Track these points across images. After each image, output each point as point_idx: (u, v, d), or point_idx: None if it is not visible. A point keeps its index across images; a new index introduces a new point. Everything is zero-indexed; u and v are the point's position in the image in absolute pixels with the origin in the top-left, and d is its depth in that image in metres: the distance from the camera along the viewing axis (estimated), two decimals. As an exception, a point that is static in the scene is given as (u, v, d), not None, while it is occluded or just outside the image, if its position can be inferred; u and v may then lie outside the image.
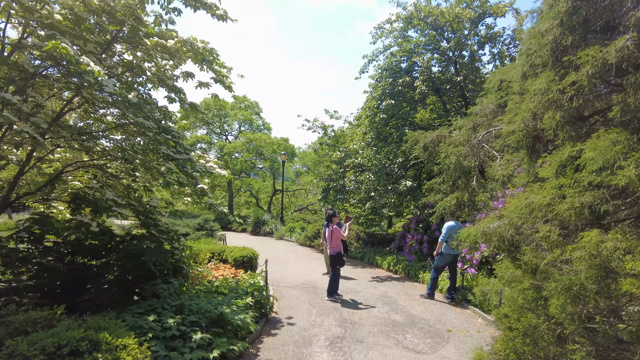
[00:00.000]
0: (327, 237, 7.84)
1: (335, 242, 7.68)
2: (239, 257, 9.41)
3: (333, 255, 7.67)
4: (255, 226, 20.44)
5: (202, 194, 5.93)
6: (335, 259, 7.67)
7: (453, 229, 7.75)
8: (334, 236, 7.68)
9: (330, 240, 7.70)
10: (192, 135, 27.16)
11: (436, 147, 5.20)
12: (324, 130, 13.64)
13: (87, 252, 5.49)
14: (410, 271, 9.90)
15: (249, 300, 5.48)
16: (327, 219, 8.05)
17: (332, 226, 7.75)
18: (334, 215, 7.98)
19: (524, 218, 2.97)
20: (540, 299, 3.28)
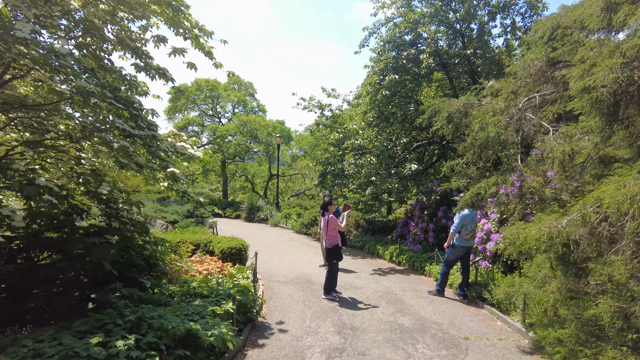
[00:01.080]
0: (323, 227, 6.91)
1: (332, 234, 6.76)
2: (226, 249, 8.50)
3: (329, 248, 6.76)
4: (249, 212, 19.54)
5: (173, 178, 4.95)
6: (332, 253, 6.76)
7: (467, 218, 6.84)
8: (330, 227, 6.75)
9: (327, 230, 6.78)
10: (183, 118, 26.00)
11: (463, 119, 4.23)
12: (321, 110, 12.57)
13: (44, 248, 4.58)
14: (415, 263, 9.04)
15: (229, 307, 4.57)
16: (322, 208, 7.10)
17: (329, 215, 6.82)
18: (330, 204, 7.03)
19: (620, 213, 2.02)
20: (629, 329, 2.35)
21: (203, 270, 7.74)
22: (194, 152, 5.00)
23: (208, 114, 27.90)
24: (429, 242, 9.89)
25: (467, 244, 6.91)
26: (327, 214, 6.86)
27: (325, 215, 6.86)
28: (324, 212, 7.00)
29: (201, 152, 5.09)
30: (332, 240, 6.74)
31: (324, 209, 7.00)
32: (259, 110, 28.68)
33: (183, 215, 15.35)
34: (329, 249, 6.73)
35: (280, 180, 34.86)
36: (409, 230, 11.23)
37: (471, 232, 6.87)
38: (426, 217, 10.38)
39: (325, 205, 7.01)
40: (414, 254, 9.48)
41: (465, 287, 7.00)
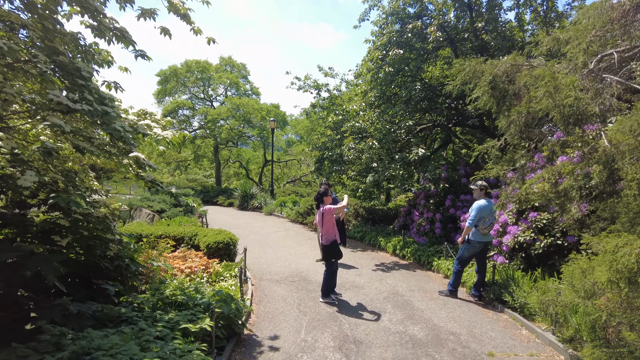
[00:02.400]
0: (318, 221, 5.96)
1: (329, 227, 5.81)
2: (212, 244, 7.64)
3: (326, 245, 5.79)
4: (242, 200, 18.66)
5: (137, 164, 4.04)
6: (330, 251, 5.84)
7: (484, 210, 6.00)
8: (325, 218, 5.77)
9: (322, 224, 5.83)
10: (172, 101, 24.82)
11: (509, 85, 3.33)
12: (317, 91, 11.58)
13: None
14: (422, 257, 8.23)
15: (206, 324, 3.72)
16: (317, 199, 6.08)
17: (324, 207, 5.87)
18: (326, 194, 6.02)
19: None
20: None
21: (185, 269, 6.90)
22: (160, 132, 4.07)
23: (199, 97, 26.67)
24: (436, 233, 9.08)
25: (485, 239, 6.09)
26: (322, 206, 5.93)
27: (320, 208, 5.94)
28: (318, 204, 6.07)
29: (170, 134, 4.16)
30: (329, 236, 5.82)
31: (319, 200, 6.05)
32: (253, 94, 27.46)
33: (171, 204, 14.44)
34: (326, 246, 5.82)
35: (275, 167, 33.93)
36: (413, 220, 10.42)
37: (489, 225, 6.03)
38: (432, 206, 9.55)
39: (320, 196, 6.06)
40: (419, 247, 8.68)
41: (482, 287, 6.21)
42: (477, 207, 6.00)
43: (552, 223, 6.26)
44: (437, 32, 9.02)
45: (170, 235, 8.63)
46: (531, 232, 6.39)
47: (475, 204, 6.08)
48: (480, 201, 6.08)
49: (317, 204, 6.06)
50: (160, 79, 25.06)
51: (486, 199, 6.12)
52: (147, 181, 4.18)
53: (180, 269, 6.89)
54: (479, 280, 6.24)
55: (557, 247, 6.12)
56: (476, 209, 6.01)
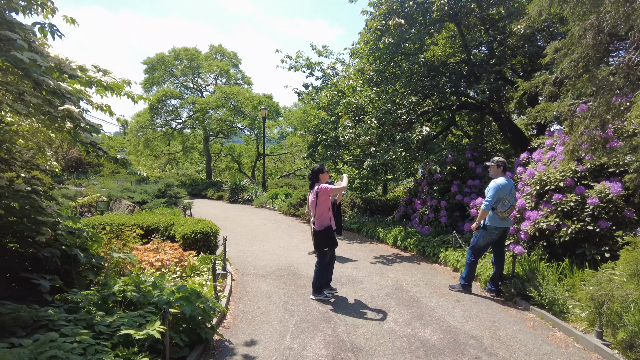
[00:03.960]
0: (311, 203, 4.97)
1: (323, 210, 4.88)
2: (189, 234, 6.70)
3: (319, 231, 4.87)
4: (232, 193, 17.68)
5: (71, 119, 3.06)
6: (323, 238, 4.90)
7: (504, 190, 5.10)
8: (320, 199, 4.83)
9: (315, 206, 4.90)
10: (159, 90, 23.69)
11: None
12: (310, 70, 10.62)
13: None
14: (426, 248, 7.34)
15: (155, 330, 2.78)
16: (311, 178, 5.12)
17: (319, 186, 4.96)
18: (322, 171, 5.09)
19: None
20: None
21: (156, 262, 5.95)
22: (95, 74, 3.09)
23: (188, 87, 25.54)
24: (441, 223, 8.19)
25: (504, 224, 5.20)
26: (317, 184, 5.01)
27: (315, 187, 5.02)
28: (312, 183, 5.12)
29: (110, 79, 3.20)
30: (322, 221, 4.89)
31: (314, 178, 5.09)
32: (244, 83, 26.36)
33: (153, 195, 13.45)
34: (318, 232, 4.88)
35: (269, 161, 32.93)
36: (414, 209, 9.53)
37: (509, 208, 5.12)
38: (436, 193, 8.65)
39: (315, 173, 5.07)
40: (423, 237, 7.78)
41: (500, 280, 5.32)
42: (495, 186, 5.11)
43: (581, 206, 5.38)
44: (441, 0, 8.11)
45: (144, 225, 7.68)
46: (555, 217, 5.51)
47: (493, 183, 5.19)
48: (499, 179, 5.18)
49: (311, 183, 5.11)
50: (147, 67, 23.90)
51: (505, 178, 5.22)
52: (85, 143, 3.21)
53: (150, 262, 5.95)
54: (496, 272, 5.35)
55: (587, 233, 5.25)
56: (494, 188, 5.11)
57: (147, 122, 23.23)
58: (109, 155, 3.35)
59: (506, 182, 5.15)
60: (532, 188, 6.14)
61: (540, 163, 6.32)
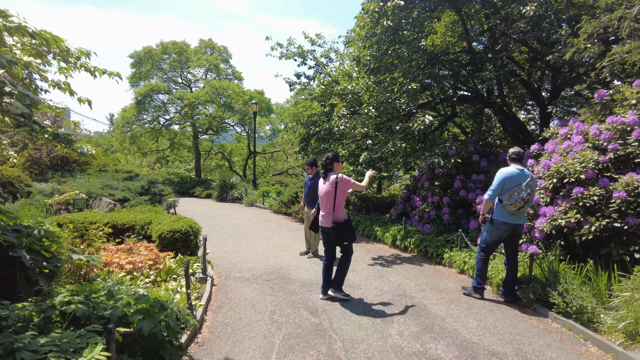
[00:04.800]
0: (325, 193, 4.56)
1: (342, 203, 4.59)
2: (167, 233, 6.00)
3: (340, 223, 4.53)
4: (221, 191, 16.94)
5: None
6: (346, 231, 4.58)
7: (511, 179, 4.55)
8: (339, 189, 4.49)
9: (333, 197, 4.49)
10: (146, 84, 22.81)
11: None
12: (302, 59, 9.95)
13: None
14: (429, 248, 6.73)
15: (94, 357, 2.11)
16: (325, 166, 4.68)
17: (333, 175, 4.54)
18: (337, 160, 4.67)
19: None
20: None
21: (126, 264, 5.26)
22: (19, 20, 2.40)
23: (177, 82, 24.67)
24: (443, 220, 7.58)
25: (513, 220, 4.61)
26: (330, 174, 4.58)
27: (328, 177, 4.58)
28: (326, 172, 4.66)
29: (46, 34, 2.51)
30: (340, 213, 4.58)
31: (327, 167, 4.65)
32: (235, 78, 25.54)
33: (136, 192, 12.68)
34: (338, 224, 4.51)
35: (261, 159, 32.19)
36: (413, 207, 8.93)
37: (518, 201, 4.50)
38: (437, 189, 8.05)
39: (330, 160, 4.64)
40: (424, 236, 7.17)
41: (514, 284, 4.72)
42: (501, 175, 4.60)
43: (605, 200, 4.80)
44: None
45: (118, 223, 6.97)
46: (575, 213, 4.91)
47: (500, 172, 4.66)
48: (507, 168, 4.67)
49: (325, 172, 4.67)
50: (134, 61, 22.97)
51: (517, 167, 4.65)
52: (15, 115, 2.52)
53: (120, 265, 5.26)
54: (508, 275, 4.75)
55: (612, 231, 4.67)
56: (498, 177, 4.61)
57: (134, 117, 22.37)
58: (45, 129, 2.66)
59: (516, 172, 4.58)
60: (547, 181, 5.55)
61: (556, 154, 5.73)
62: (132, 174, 24.43)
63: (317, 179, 6.77)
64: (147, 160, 37.09)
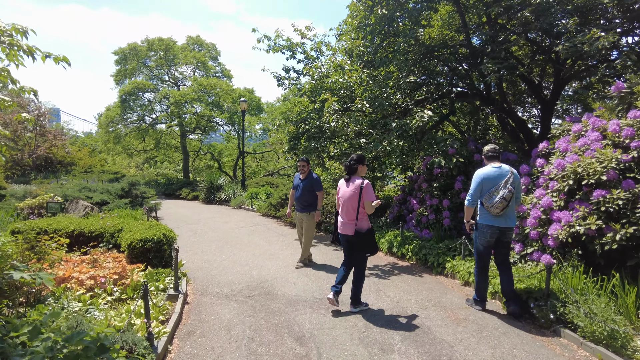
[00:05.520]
0: (350, 197, 4.19)
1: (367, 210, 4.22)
2: (137, 243, 5.33)
3: (366, 232, 4.22)
4: (208, 192, 16.22)
5: None
6: (370, 240, 4.28)
7: (489, 180, 4.21)
8: (365, 195, 4.14)
9: (357, 206, 4.15)
10: (130, 82, 21.96)
11: None
12: (292, 52, 9.31)
13: None
14: (429, 257, 6.14)
15: None
16: (348, 168, 4.30)
17: (358, 179, 4.21)
18: (362, 162, 4.32)
19: None
20: None
21: (87, 280, 4.59)
22: None
23: (164, 80, 23.83)
24: (443, 225, 7.00)
25: (499, 222, 4.21)
26: (354, 179, 4.23)
27: (352, 181, 4.23)
28: (350, 175, 4.31)
29: None
30: (365, 221, 4.26)
31: (351, 169, 4.29)
32: (224, 76, 24.75)
33: (116, 194, 11.93)
34: (364, 233, 4.20)
35: (252, 159, 31.44)
36: (410, 210, 8.34)
37: (499, 202, 4.09)
38: (436, 191, 7.47)
39: (355, 162, 4.27)
40: (424, 243, 6.58)
41: (512, 297, 4.21)
42: (477, 176, 4.30)
43: (631, 205, 4.24)
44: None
45: (86, 230, 6.27)
46: (596, 219, 4.36)
47: (476, 173, 4.35)
48: (482, 168, 4.33)
49: (348, 175, 4.32)
50: (118, 57, 22.07)
51: (495, 166, 4.28)
52: None
53: (80, 281, 4.58)
54: (504, 285, 4.33)
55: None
56: (475, 179, 4.29)
57: (118, 116, 21.51)
58: None
59: (493, 171, 4.23)
60: (561, 183, 5.00)
61: (570, 152, 5.17)
62: (118, 175, 23.56)
63: (310, 179, 6.19)
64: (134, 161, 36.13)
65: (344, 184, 4.33)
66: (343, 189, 4.33)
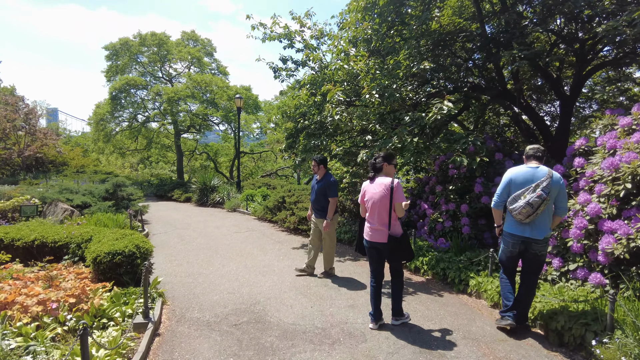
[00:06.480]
0: (379, 199, 3.71)
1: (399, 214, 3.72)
2: (104, 256, 4.46)
3: (400, 237, 3.75)
4: (201, 194, 15.34)
5: None
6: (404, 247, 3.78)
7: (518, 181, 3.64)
8: (396, 196, 3.66)
9: (390, 207, 3.66)
10: (121, 77, 21.03)
11: None
12: (290, 41, 8.45)
13: None
14: (448, 271, 5.28)
15: None
16: (373, 165, 3.89)
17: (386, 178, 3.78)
18: (390, 160, 3.86)
19: None
20: None
21: (34, 306, 3.71)
22: None
23: (157, 77, 22.90)
24: (462, 234, 6.16)
25: (520, 231, 3.60)
26: (380, 179, 3.79)
27: (378, 181, 3.78)
28: (375, 174, 3.89)
29: None
30: (396, 226, 3.75)
31: (377, 167, 3.87)
32: (220, 73, 23.85)
33: (99, 196, 11.05)
34: (399, 238, 3.72)
35: (249, 160, 30.54)
36: (421, 215, 7.50)
37: (524, 206, 3.46)
38: (452, 194, 6.62)
39: (381, 160, 3.85)
40: (441, 255, 5.73)
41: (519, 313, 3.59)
42: (506, 175, 3.73)
43: None
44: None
45: (48, 240, 5.39)
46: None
47: (506, 172, 3.76)
48: (514, 167, 3.73)
49: (373, 175, 3.88)
50: (109, 53, 21.16)
51: (530, 166, 3.65)
52: None
53: (24, 307, 3.71)
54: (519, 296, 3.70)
55: None
56: (504, 178, 3.77)
57: (108, 113, 20.58)
58: None
59: (524, 171, 3.63)
60: (612, 187, 4.17)
61: (622, 150, 4.33)
62: (111, 175, 22.66)
63: (325, 182, 5.40)
64: (129, 161, 35.18)
65: (369, 185, 3.87)
66: (369, 190, 3.83)
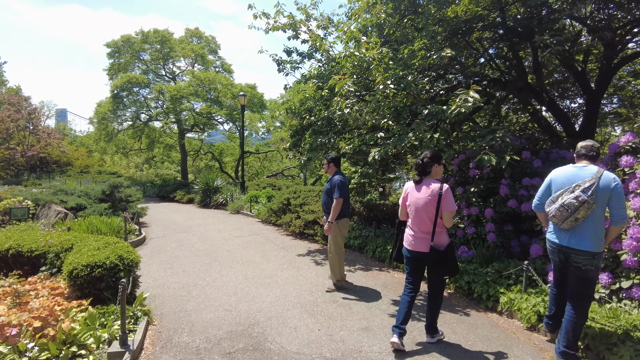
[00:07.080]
0: (423, 205, 3.33)
1: (447, 223, 3.33)
2: (82, 269, 3.90)
3: (447, 250, 3.36)
4: (204, 195, 14.82)
5: None
6: (449, 260, 3.37)
7: (559, 180, 3.13)
8: (444, 205, 3.26)
9: (436, 214, 3.28)
10: (123, 75, 20.60)
11: None
12: (295, 31, 7.85)
13: None
14: (474, 286, 4.65)
15: None
16: (422, 166, 3.42)
17: (435, 183, 3.34)
18: (438, 160, 3.44)
19: None
20: None
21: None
22: None
23: (160, 75, 22.45)
24: (487, 241, 5.51)
25: (558, 238, 3.09)
26: (428, 182, 3.37)
27: (425, 184, 3.38)
28: (422, 176, 3.44)
29: None
30: (442, 236, 3.38)
31: (424, 169, 3.42)
32: (224, 70, 23.36)
33: (95, 198, 10.56)
34: (440, 251, 3.33)
35: (254, 159, 30.04)
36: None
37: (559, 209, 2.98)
38: (474, 197, 5.97)
39: (429, 160, 3.41)
40: (464, 266, 5.08)
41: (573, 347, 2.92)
42: (548, 176, 3.25)
43: None
44: None
45: (24, 249, 4.85)
46: None
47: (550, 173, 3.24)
48: (560, 167, 3.21)
49: (419, 177, 3.44)
50: (111, 50, 20.77)
51: (577, 165, 3.11)
52: None
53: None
54: (564, 328, 3.08)
55: None
56: (546, 179, 3.27)
57: (109, 112, 20.18)
58: None
59: (567, 170, 3.18)
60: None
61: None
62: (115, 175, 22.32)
63: (331, 181, 4.84)
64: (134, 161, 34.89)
65: (413, 187, 3.47)
66: (413, 194, 3.45)
